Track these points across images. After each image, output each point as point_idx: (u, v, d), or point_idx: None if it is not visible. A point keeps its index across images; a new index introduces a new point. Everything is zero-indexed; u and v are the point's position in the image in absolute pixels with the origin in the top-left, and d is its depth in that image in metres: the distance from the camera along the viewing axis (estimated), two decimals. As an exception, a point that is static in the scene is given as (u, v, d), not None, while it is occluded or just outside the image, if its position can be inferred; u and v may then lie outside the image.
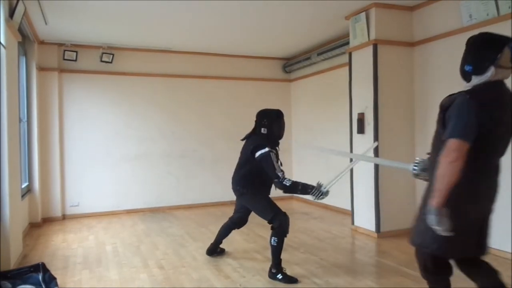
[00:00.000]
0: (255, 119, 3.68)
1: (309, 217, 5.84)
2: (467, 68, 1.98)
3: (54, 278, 3.05)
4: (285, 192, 3.33)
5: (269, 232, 3.38)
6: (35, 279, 2.95)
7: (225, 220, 4.07)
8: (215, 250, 3.99)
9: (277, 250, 3.32)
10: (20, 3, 3.73)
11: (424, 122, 4.56)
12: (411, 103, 4.70)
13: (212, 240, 4.04)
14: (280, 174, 3.28)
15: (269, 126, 3.52)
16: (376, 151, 4.51)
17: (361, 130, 4.70)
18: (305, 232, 4.88)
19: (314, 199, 3.30)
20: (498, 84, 1.95)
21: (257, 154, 3.39)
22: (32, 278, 2.95)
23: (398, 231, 4.60)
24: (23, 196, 4.79)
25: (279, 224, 3.32)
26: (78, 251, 4.23)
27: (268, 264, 3.59)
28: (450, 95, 2.00)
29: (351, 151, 4.91)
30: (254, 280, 3.30)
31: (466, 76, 2.01)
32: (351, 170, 4.80)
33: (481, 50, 1.96)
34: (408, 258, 3.74)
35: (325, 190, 3.28)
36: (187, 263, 3.77)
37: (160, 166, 6.64)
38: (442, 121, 1.96)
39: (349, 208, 5.16)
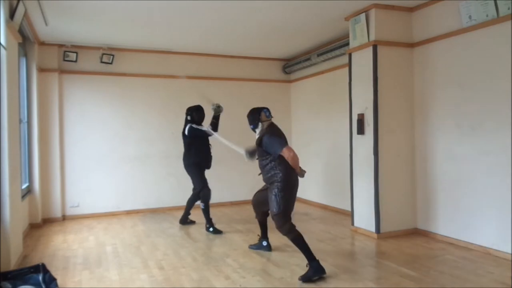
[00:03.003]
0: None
1: (309, 218, 5.85)
2: (251, 126, 3.76)
3: (54, 279, 3.05)
4: (197, 133, 5.06)
5: (269, 232, 3.79)
6: (35, 280, 2.94)
7: (225, 221, 4.10)
8: (185, 221, 5.47)
9: (206, 212, 5.03)
10: (21, 4, 3.74)
11: (424, 122, 4.56)
12: (410, 104, 4.70)
13: (212, 240, 4.07)
14: (205, 128, 5.05)
15: (191, 114, 5.21)
16: (376, 151, 4.52)
17: (361, 130, 4.71)
18: (305, 233, 4.84)
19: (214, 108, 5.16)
20: (273, 125, 3.72)
21: (186, 132, 5.12)
22: (32, 278, 2.95)
23: (398, 231, 4.60)
24: (23, 196, 4.80)
25: (203, 195, 5.08)
26: (78, 252, 4.24)
27: (268, 265, 3.63)
28: (258, 137, 3.71)
29: (351, 151, 4.92)
30: (254, 280, 3.30)
31: (253, 130, 3.77)
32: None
33: (253, 115, 3.74)
34: (408, 259, 3.75)
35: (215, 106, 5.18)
36: (187, 263, 3.78)
37: (160, 167, 6.64)
38: (262, 150, 3.60)
39: (349, 209, 5.17)
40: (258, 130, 3.70)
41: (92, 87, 6.26)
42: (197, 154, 5.12)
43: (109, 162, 6.33)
